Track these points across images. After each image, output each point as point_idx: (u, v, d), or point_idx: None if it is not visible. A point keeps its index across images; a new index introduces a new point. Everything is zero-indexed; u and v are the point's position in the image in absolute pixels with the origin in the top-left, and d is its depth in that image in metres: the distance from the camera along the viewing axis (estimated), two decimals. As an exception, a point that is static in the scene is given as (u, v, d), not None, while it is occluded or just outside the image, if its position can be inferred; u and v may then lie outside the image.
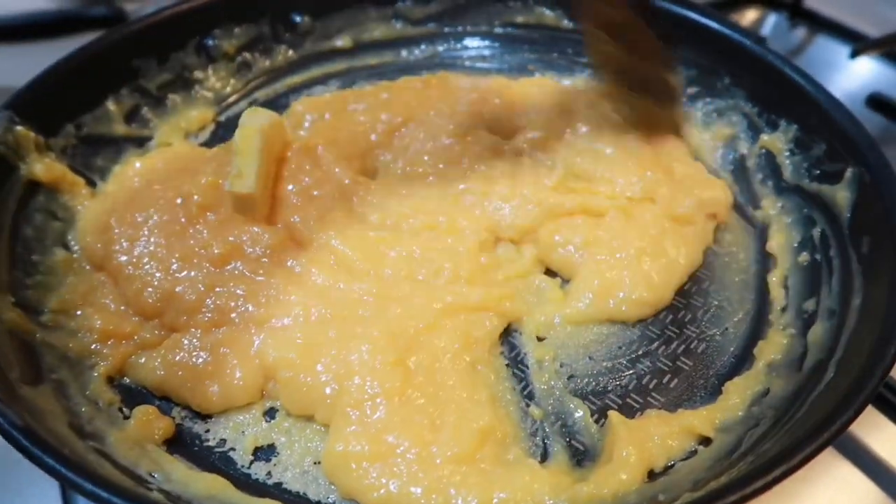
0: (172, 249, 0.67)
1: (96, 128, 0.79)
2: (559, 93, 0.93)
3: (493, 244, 0.74)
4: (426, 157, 0.80)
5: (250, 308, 0.63)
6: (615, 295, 0.69)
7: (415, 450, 0.54)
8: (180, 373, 0.60)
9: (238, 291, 0.64)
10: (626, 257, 0.71)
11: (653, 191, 0.78)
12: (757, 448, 0.53)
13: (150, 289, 0.64)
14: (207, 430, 0.59)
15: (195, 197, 0.69)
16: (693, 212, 0.76)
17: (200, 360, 0.60)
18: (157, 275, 0.65)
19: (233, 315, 0.63)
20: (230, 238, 0.67)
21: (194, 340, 0.61)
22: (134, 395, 0.61)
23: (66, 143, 0.75)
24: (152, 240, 0.68)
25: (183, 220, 0.69)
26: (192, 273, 0.65)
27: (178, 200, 0.70)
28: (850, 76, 1.13)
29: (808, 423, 0.50)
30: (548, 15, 1.00)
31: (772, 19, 1.27)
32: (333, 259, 0.68)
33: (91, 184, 0.75)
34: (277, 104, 0.93)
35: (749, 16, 1.27)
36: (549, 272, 0.73)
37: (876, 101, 1.00)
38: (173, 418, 0.59)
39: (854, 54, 1.11)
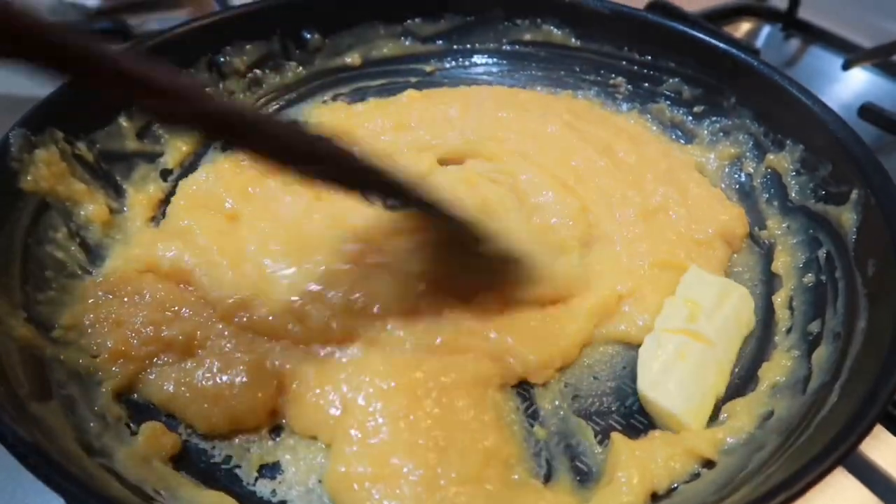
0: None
1: (109, 144, 0.80)
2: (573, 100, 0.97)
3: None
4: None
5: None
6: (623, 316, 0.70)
7: (419, 471, 0.54)
8: (188, 394, 0.60)
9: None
10: (640, 270, 0.73)
11: (668, 207, 0.79)
12: (762, 472, 0.53)
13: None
14: (213, 447, 0.59)
15: None
16: (710, 237, 0.76)
17: (210, 383, 0.60)
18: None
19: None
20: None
21: (204, 364, 0.62)
22: (141, 411, 0.61)
23: (80, 160, 0.75)
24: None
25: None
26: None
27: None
28: (844, 87, 1.15)
29: (812, 448, 0.50)
30: (555, 34, 1.01)
31: (766, 31, 1.29)
32: None
33: (105, 199, 0.76)
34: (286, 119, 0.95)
35: (743, 27, 1.29)
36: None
37: (868, 112, 1.00)
38: (180, 434, 0.60)
39: (847, 65, 1.12)
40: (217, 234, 0.71)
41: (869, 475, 0.62)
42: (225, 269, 0.68)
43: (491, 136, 0.88)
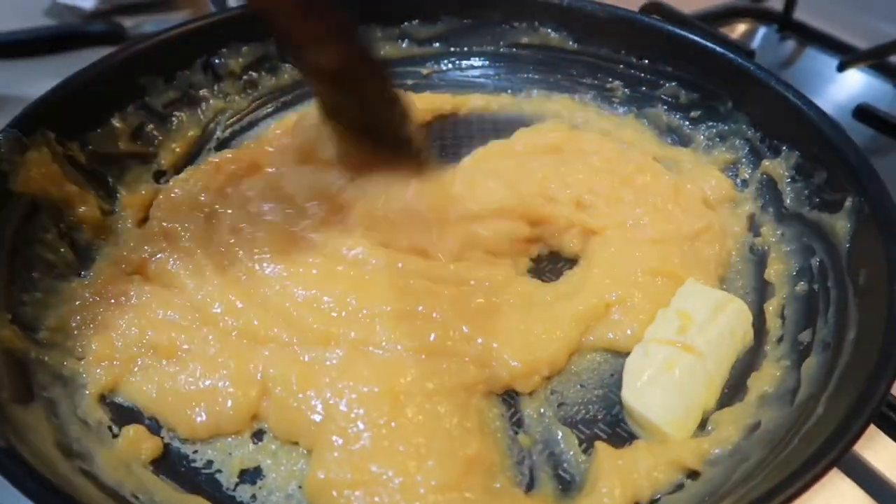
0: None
1: (102, 146, 0.79)
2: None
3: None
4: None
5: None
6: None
7: (398, 479, 0.54)
8: (170, 398, 0.60)
9: None
10: (630, 277, 0.71)
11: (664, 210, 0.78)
12: (745, 484, 0.53)
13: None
14: (195, 451, 0.59)
15: None
16: (697, 230, 0.76)
17: (193, 387, 0.60)
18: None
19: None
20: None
21: (188, 367, 0.62)
22: (124, 414, 0.61)
23: (72, 162, 0.75)
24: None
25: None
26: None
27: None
28: (839, 88, 1.15)
29: (795, 461, 0.49)
30: (552, 37, 1.00)
31: (761, 32, 1.28)
32: None
33: (97, 201, 0.76)
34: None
35: (739, 29, 1.29)
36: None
37: (863, 113, 0.99)
38: (162, 438, 0.60)
39: (842, 66, 1.12)
40: (200, 237, 0.71)
41: (864, 476, 0.62)
42: (210, 272, 0.67)
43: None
